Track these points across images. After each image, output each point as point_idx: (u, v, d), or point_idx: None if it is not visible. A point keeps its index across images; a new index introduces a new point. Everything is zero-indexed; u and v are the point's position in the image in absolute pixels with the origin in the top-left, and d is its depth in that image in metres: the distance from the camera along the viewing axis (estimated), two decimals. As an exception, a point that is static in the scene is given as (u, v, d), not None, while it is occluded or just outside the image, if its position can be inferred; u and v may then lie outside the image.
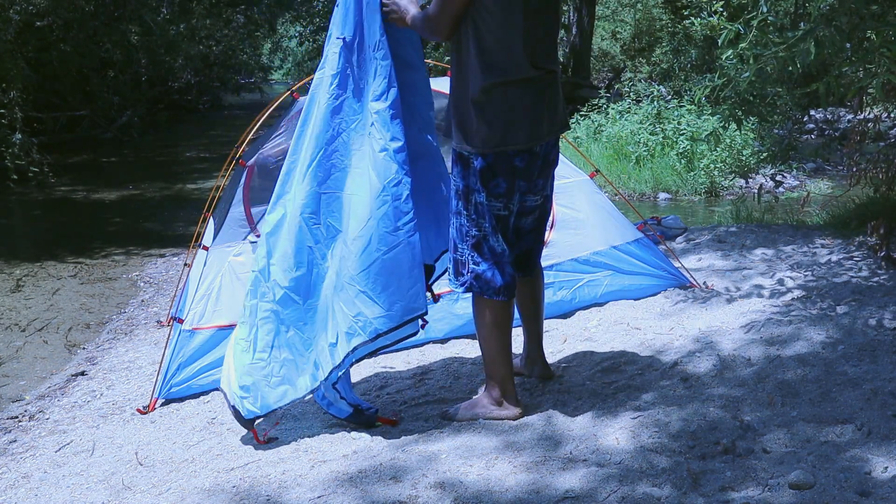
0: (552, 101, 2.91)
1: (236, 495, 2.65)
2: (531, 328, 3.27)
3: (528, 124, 2.83)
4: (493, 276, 2.90)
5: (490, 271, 2.90)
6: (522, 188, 2.92)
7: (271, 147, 4.01)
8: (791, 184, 9.37)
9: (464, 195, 2.91)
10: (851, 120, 9.36)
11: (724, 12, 4.08)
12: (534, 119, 2.85)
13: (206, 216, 4.37)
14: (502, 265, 2.92)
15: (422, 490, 2.51)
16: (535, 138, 2.86)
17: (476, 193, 2.87)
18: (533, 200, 3.01)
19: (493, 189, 2.86)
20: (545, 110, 2.87)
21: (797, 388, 3.00)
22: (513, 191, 2.89)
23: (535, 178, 2.95)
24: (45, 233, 8.69)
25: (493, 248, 2.91)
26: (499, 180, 2.86)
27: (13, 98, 10.42)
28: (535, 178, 2.96)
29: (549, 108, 2.89)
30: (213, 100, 23.70)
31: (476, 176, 2.86)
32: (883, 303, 3.78)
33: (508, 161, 2.85)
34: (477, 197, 2.87)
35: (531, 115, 2.84)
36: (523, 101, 2.82)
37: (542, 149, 2.91)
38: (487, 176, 2.85)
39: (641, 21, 15.68)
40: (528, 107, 2.83)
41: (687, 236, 5.88)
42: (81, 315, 5.63)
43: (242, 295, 3.78)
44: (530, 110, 2.83)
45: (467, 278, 2.94)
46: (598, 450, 2.67)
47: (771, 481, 2.37)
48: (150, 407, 3.59)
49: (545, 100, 2.87)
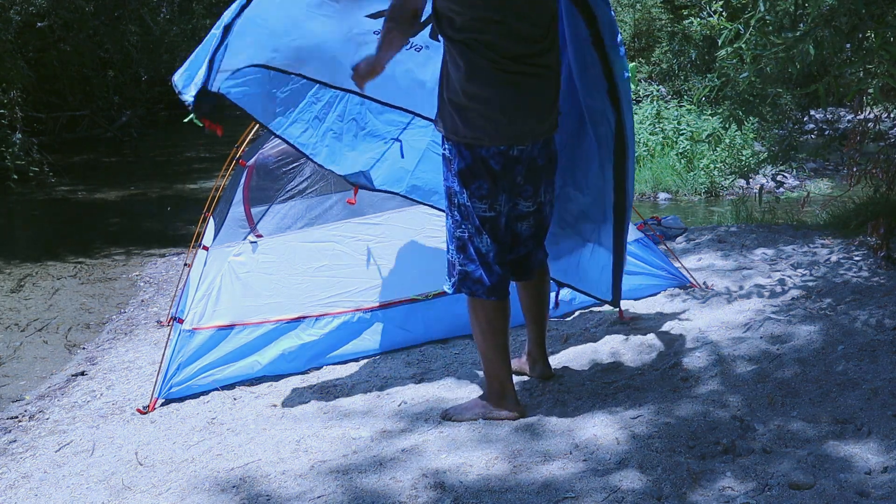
0: (535, 102, 2.82)
1: (236, 495, 2.65)
2: (533, 329, 3.27)
3: (500, 124, 2.78)
4: (480, 276, 2.89)
5: (477, 272, 2.89)
6: (507, 189, 2.88)
7: (271, 147, 4.01)
8: (791, 184, 9.37)
9: (448, 196, 2.93)
10: (851, 120, 9.35)
11: (724, 12, 4.08)
12: (510, 119, 2.79)
13: (206, 216, 4.37)
14: (490, 265, 2.89)
15: (422, 490, 2.51)
16: (504, 139, 2.80)
17: (458, 195, 2.88)
18: (525, 206, 2.97)
19: (476, 191, 2.85)
20: (525, 110, 2.80)
21: (797, 387, 3.00)
22: (496, 191, 2.85)
23: (519, 182, 2.89)
24: (45, 233, 8.69)
25: (478, 249, 2.89)
26: (480, 182, 2.83)
27: (13, 98, 10.43)
28: (523, 184, 2.90)
29: (532, 109, 2.82)
30: (212, 100, 23.65)
31: (456, 177, 2.86)
32: (883, 303, 3.78)
33: (484, 162, 2.82)
34: (459, 198, 2.88)
35: (506, 114, 2.78)
36: (500, 99, 2.77)
37: (520, 152, 2.85)
38: (467, 177, 2.84)
39: (640, 21, 15.65)
40: (504, 106, 2.77)
41: (687, 236, 5.88)
42: (81, 315, 5.63)
43: (242, 295, 3.81)
44: (507, 109, 2.78)
45: (455, 279, 2.95)
46: (598, 450, 2.67)
47: (771, 481, 2.37)
48: (150, 407, 3.59)
49: (525, 100, 2.80)
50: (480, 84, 2.75)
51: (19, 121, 10.27)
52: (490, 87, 2.75)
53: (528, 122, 2.82)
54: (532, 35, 2.78)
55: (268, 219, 3.93)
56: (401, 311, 3.95)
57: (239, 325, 3.74)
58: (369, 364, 3.79)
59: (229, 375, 3.70)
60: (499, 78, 2.75)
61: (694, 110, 10.42)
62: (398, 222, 4.07)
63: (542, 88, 2.84)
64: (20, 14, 11.29)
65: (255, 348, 3.75)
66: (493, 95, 2.76)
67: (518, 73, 2.77)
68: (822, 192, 8.85)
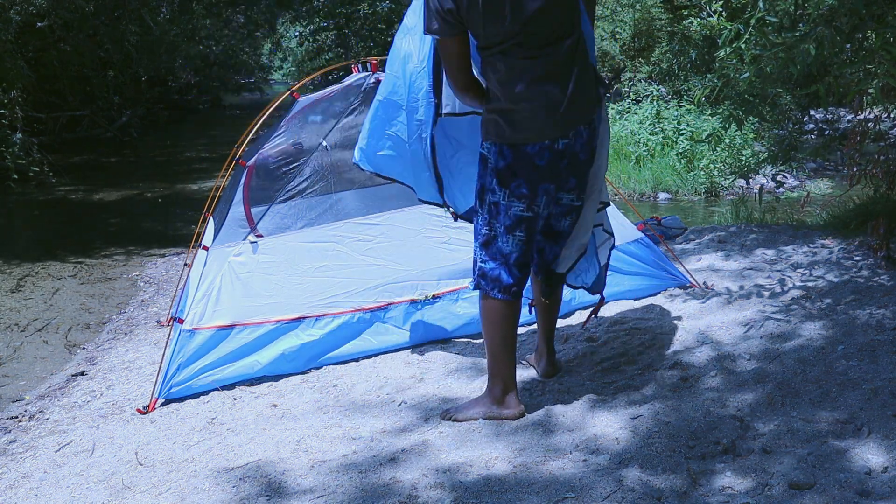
0: (574, 94, 2.80)
1: (236, 495, 2.65)
2: (542, 323, 3.31)
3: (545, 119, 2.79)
4: (499, 275, 2.91)
5: (497, 270, 2.91)
6: (548, 189, 2.87)
7: (271, 147, 4.01)
8: (791, 184, 9.38)
9: (479, 194, 2.94)
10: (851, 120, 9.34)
11: (724, 12, 4.08)
12: (551, 114, 2.79)
13: (206, 216, 4.37)
14: (510, 266, 2.91)
15: (422, 490, 2.51)
16: (549, 134, 2.80)
17: (491, 193, 2.88)
18: (568, 199, 2.98)
19: (515, 189, 2.85)
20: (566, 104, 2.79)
21: (797, 387, 3.00)
22: (536, 192, 2.85)
23: (564, 176, 2.89)
24: (45, 233, 8.70)
25: (500, 249, 2.90)
26: (520, 181, 2.83)
27: (13, 98, 10.43)
28: (567, 177, 2.90)
29: (573, 101, 2.80)
30: (213, 100, 23.71)
31: (494, 176, 2.86)
32: (883, 303, 3.78)
33: (529, 160, 2.82)
34: (491, 196, 2.88)
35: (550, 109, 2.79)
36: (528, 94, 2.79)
37: (565, 146, 2.83)
38: (507, 176, 2.84)
39: (640, 21, 15.65)
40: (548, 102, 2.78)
41: (687, 236, 5.88)
42: (81, 315, 5.63)
43: (242, 295, 3.80)
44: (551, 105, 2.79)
45: (475, 276, 2.98)
46: (597, 450, 2.67)
47: (771, 481, 2.38)
48: (150, 407, 3.59)
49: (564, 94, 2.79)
50: (522, 85, 2.77)
51: (19, 121, 10.28)
52: (531, 85, 2.77)
53: (570, 114, 2.81)
54: (558, 33, 2.77)
55: (268, 219, 3.93)
56: (401, 311, 3.95)
57: (239, 325, 3.74)
58: (369, 364, 3.79)
59: (229, 375, 3.70)
60: (537, 75, 2.76)
61: (694, 110, 10.42)
62: (398, 222, 4.07)
63: (578, 79, 2.81)
64: (20, 14, 11.29)
65: (255, 348, 3.74)
66: (535, 94, 2.77)
67: (552, 68, 2.77)
68: (822, 192, 8.85)
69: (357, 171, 3.70)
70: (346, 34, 21.99)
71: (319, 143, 4.01)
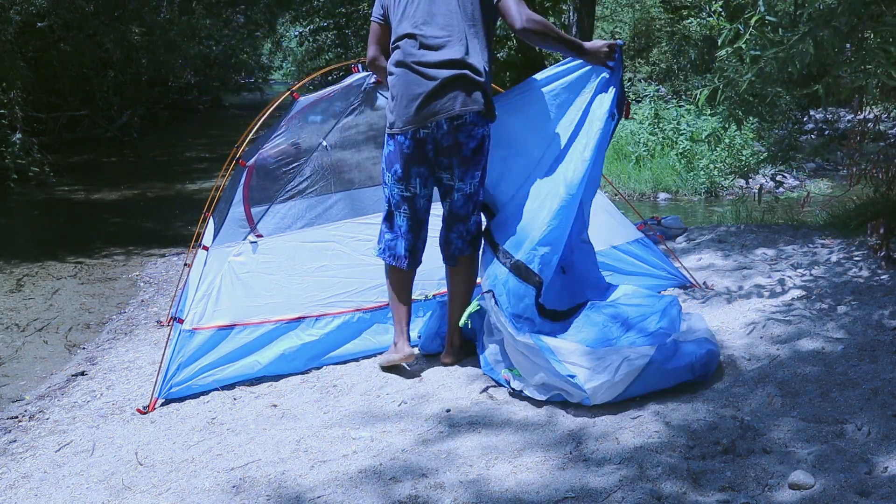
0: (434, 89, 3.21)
1: (236, 495, 2.65)
2: (449, 313, 3.61)
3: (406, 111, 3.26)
4: (395, 245, 3.48)
5: (393, 241, 3.48)
6: (420, 170, 3.32)
7: (271, 147, 4.01)
8: (791, 184, 9.38)
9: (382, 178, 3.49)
10: (851, 120, 9.35)
11: (724, 13, 4.08)
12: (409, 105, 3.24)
13: (206, 216, 4.37)
14: (403, 238, 3.45)
15: (421, 490, 2.51)
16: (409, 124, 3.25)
17: (383, 176, 3.46)
18: (447, 178, 3.36)
19: (393, 174, 3.38)
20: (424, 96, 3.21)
21: (797, 387, 3.00)
22: (409, 175, 3.33)
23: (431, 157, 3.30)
24: (45, 233, 8.69)
25: (396, 223, 3.46)
26: (396, 167, 3.35)
27: (13, 98, 10.42)
28: (436, 157, 3.31)
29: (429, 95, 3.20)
30: (213, 100, 23.71)
31: (383, 161, 3.43)
32: (883, 303, 3.79)
33: (399, 147, 3.31)
34: (383, 178, 3.47)
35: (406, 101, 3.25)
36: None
37: (425, 135, 3.24)
38: (388, 162, 3.39)
39: (640, 21, 15.66)
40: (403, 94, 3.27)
41: (687, 236, 5.88)
42: (81, 315, 5.62)
43: (242, 295, 3.80)
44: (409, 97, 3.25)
45: (379, 246, 3.53)
46: (598, 450, 2.67)
47: (771, 481, 2.38)
48: (150, 407, 3.59)
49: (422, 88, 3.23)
50: (393, 78, 3.31)
51: (19, 121, 10.27)
52: (397, 78, 3.30)
53: (428, 106, 3.23)
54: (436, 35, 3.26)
55: (268, 219, 3.93)
56: (401, 311, 3.95)
57: (239, 325, 3.74)
58: (369, 364, 3.79)
59: (229, 375, 3.69)
60: (398, 71, 3.31)
61: (694, 110, 10.42)
62: (398, 222, 4.06)
63: (442, 77, 3.22)
64: (20, 14, 11.28)
65: (255, 348, 3.74)
66: (399, 87, 3.28)
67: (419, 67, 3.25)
68: (822, 192, 8.85)
69: (357, 171, 3.72)
70: (346, 34, 21.96)
71: (319, 143, 4.01)
